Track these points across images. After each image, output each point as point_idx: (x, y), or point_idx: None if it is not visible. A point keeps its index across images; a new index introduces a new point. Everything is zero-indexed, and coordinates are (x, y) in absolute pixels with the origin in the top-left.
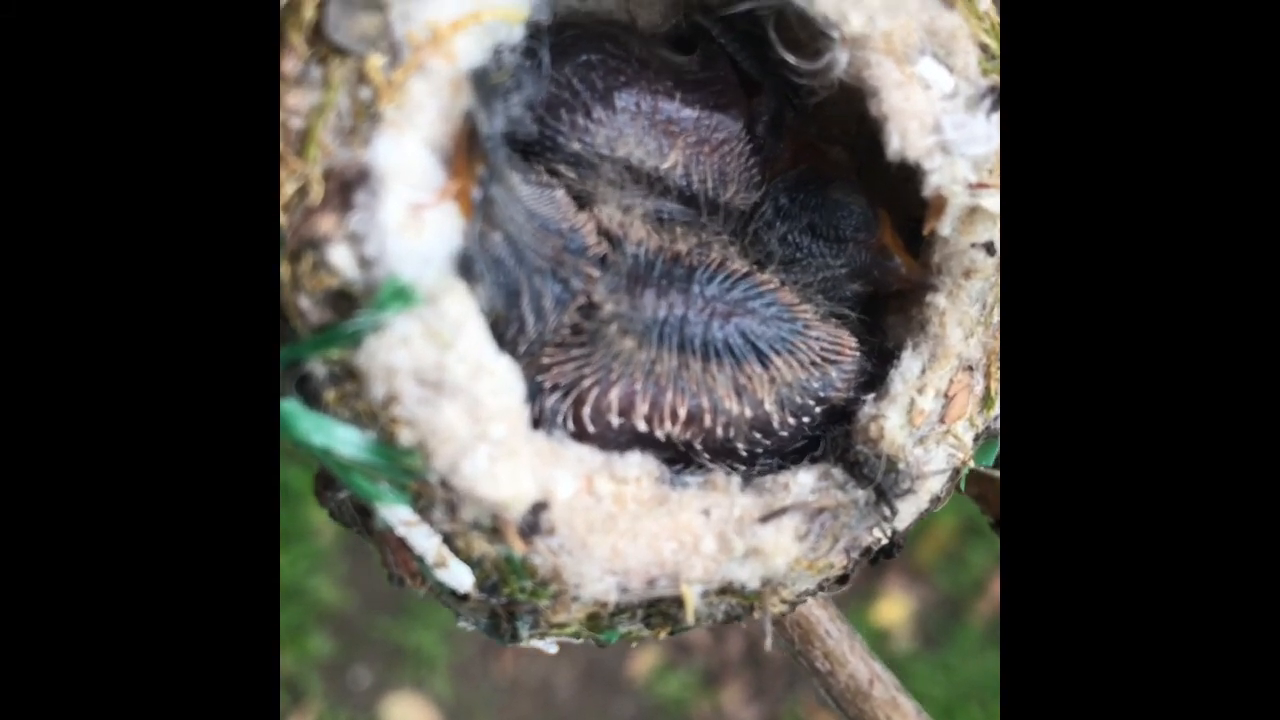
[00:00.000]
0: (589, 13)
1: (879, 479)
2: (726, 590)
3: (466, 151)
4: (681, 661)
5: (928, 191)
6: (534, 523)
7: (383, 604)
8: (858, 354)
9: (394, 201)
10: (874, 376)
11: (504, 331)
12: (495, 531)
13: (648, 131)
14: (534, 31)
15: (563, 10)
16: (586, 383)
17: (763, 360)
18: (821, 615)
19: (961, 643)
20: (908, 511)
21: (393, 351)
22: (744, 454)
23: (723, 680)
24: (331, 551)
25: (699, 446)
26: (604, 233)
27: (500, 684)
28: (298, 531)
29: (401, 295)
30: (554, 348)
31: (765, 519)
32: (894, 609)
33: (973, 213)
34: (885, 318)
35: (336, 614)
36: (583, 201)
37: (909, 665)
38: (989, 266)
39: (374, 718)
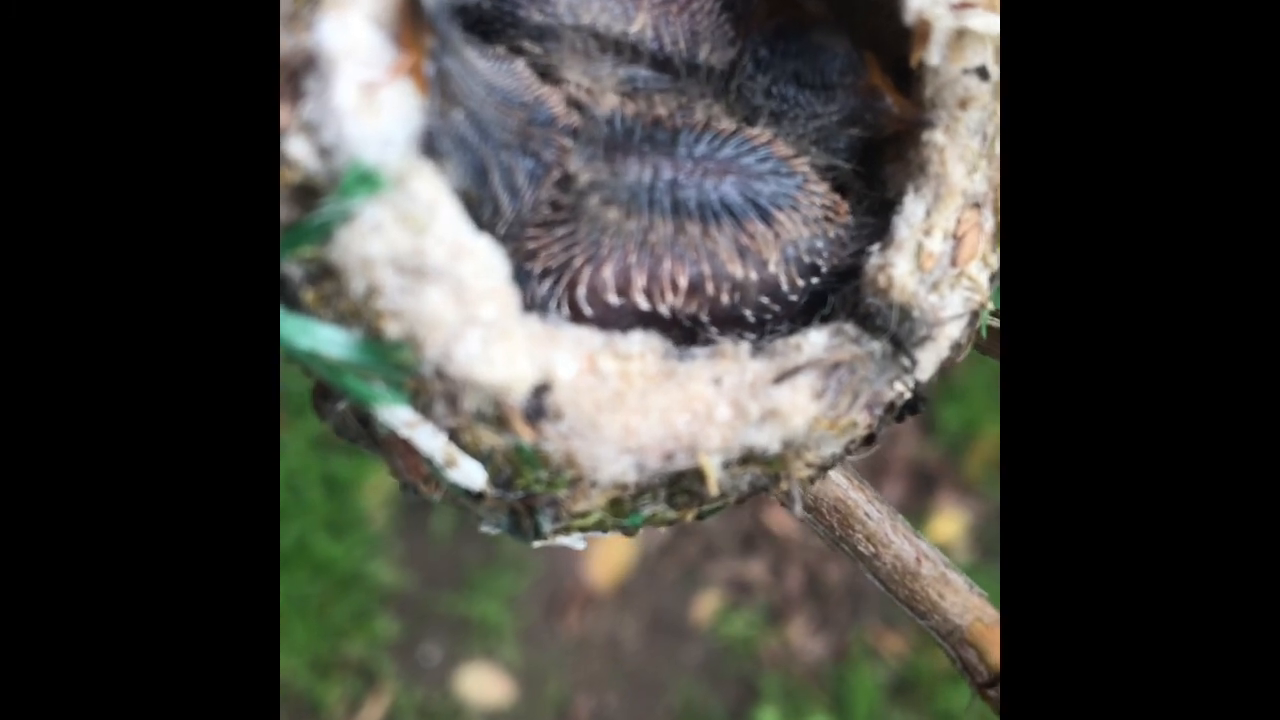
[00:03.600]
0: None
1: (893, 328)
2: (748, 459)
3: (411, 23)
4: (744, 601)
5: (909, 18)
6: (539, 406)
7: (443, 580)
8: (851, 216)
9: (345, 83)
10: (878, 229)
11: (479, 213)
12: (500, 420)
13: None
14: None
15: None
16: (577, 262)
17: (765, 218)
18: (859, 498)
19: None
20: (928, 361)
21: (366, 241)
22: (752, 321)
23: (787, 615)
24: (386, 535)
25: (705, 319)
26: (573, 103)
27: (568, 644)
28: (351, 520)
29: (366, 180)
30: (537, 228)
31: (779, 380)
32: (949, 525)
33: (960, 36)
34: (884, 169)
35: (399, 595)
36: (548, 76)
37: (973, 577)
38: (985, 93)
39: (449, 692)
